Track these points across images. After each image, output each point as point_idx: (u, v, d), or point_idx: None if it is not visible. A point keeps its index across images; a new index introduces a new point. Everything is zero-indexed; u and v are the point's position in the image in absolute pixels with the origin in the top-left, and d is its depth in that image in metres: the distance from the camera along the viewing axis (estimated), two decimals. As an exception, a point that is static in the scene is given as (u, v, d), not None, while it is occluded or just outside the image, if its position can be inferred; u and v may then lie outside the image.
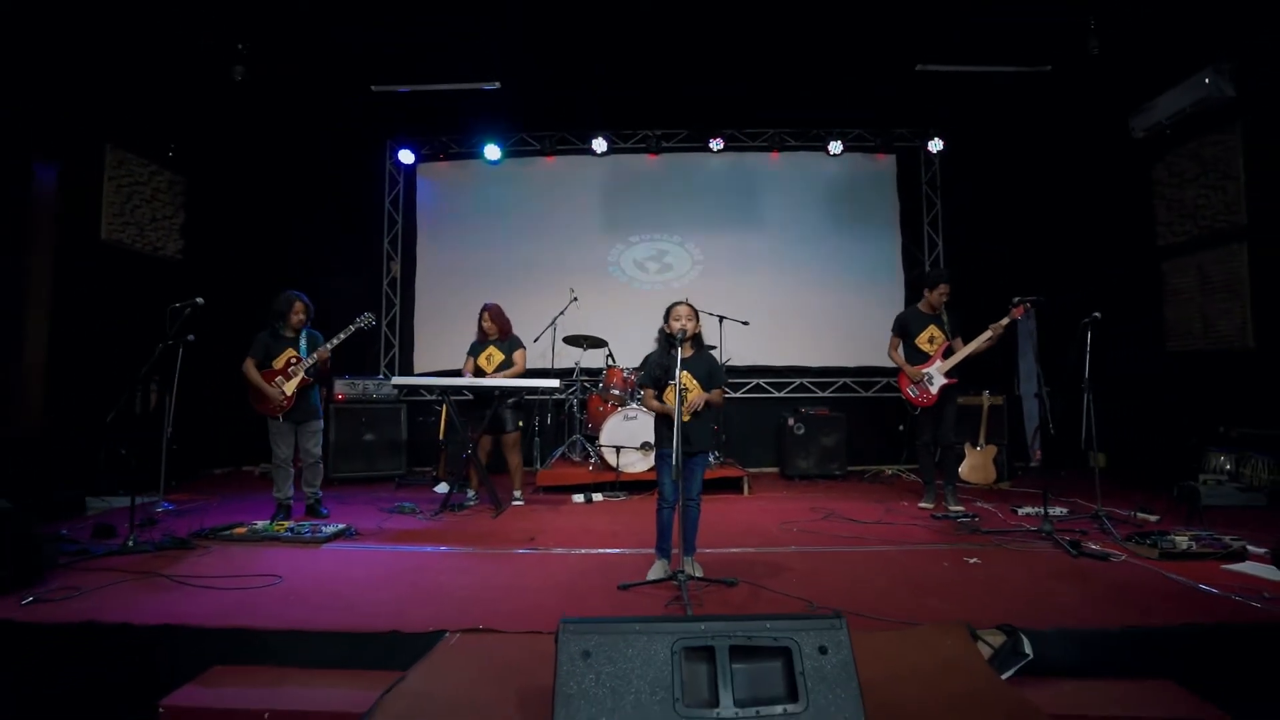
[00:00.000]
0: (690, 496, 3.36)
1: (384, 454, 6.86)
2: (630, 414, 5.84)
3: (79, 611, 2.72)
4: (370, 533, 4.36)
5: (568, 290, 6.97)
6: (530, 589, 3.23)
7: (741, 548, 3.98)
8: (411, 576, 3.42)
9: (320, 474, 4.94)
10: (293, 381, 4.72)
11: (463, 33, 5.81)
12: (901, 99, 7.22)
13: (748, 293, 7.76)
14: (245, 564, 3.55)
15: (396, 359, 8.02)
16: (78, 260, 5.87)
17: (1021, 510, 4.83)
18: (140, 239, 6.61)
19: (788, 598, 3.03)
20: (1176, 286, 6.61)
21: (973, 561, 3.60)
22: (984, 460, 6.39)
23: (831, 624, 1.71)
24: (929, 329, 5.17)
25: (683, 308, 3.40)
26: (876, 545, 4.04)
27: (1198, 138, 6.20)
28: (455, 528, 4.60)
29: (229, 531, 4.10)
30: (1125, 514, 4.70)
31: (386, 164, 8.13)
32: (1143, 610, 2.79)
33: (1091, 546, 3.74)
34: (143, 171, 6.64)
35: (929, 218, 8.07)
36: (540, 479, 6.00)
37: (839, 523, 4.70)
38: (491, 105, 7.16)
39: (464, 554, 3.91)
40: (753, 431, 7.62)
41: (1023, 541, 4.00)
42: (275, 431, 4.78)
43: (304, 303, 4.91)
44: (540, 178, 8.08)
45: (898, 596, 3.07)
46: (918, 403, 5.10)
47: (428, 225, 8.12)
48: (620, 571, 3.43)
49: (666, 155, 7.99)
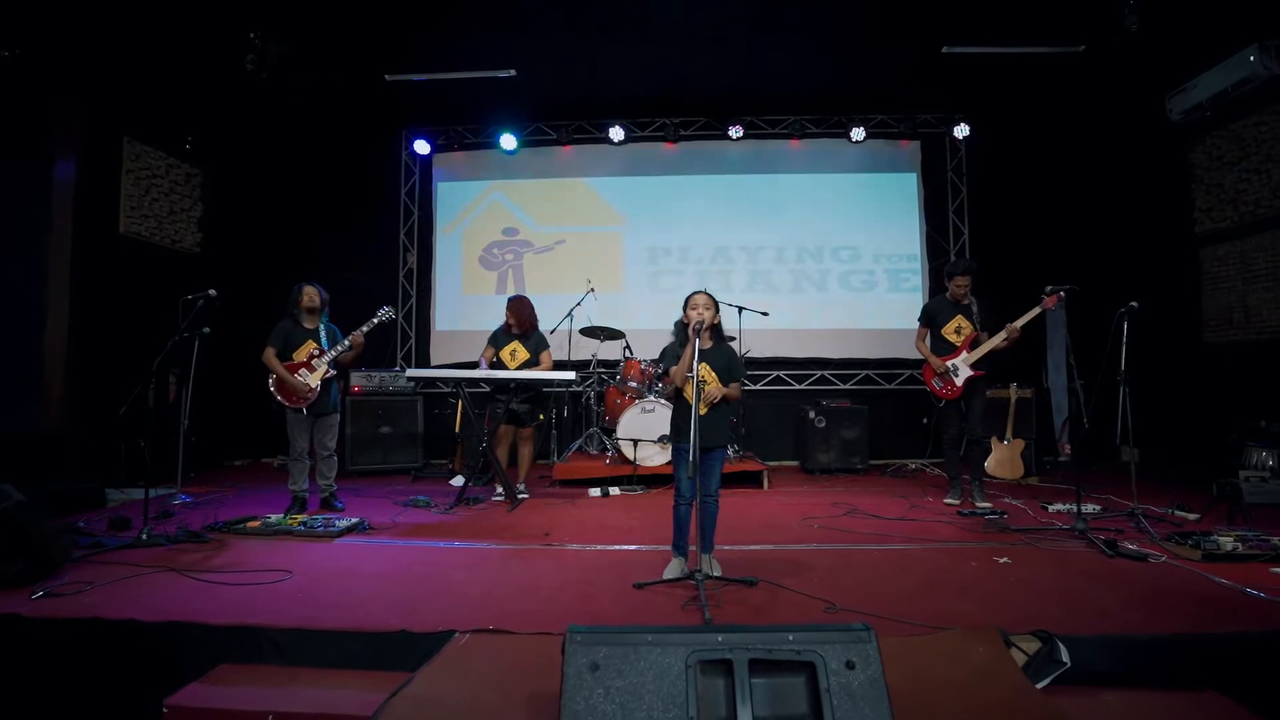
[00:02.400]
0: (708, 493, 3.25)
1: (400, 447, 6.83)
2: (648, 406, 5.74)
3: (87, 607, 2.69)
4: (384, 527, 4.31)
5: (585, 281, 6.87)
6: (544, 587, 3.15)
7: (761, 545, 3.87)
8: (423, 572, 3.36)
9: (335, 467, 4.91)
10: (317, 374, 4.68)
11: (479, 20, 5.71)
12: (926, 83, 6.99)
13: (768, 283, 7.62)
14: (257, 558, 3.51)
15: (413, 351, 7.99)
16: (96, 254, 5.88)
17: (1052, 507, 4.67)
18: (158, 232, 6.62)
19: (809, 598, 2.92)
20: (1215, 275, 6.36)
21: (1002, 561, 3.46)
22: (1011, 454, 6.22)
23: (859, 636, 1.59)
24: (956, 319, 5.01)
25: (701, 296, 3.29)
26: (900, 543, 3.91)
27: (1239, 119, 5.95)
28: (470, 522, 4.55)
29: (243, 525, 4.07)
30: (1161, 512, 4.51)
31: (402, 154, 8.08)
32: (1187, 616, 2.64)
33: (1128, 546, 3.57)
34: (160, 164, 6.65)
35: (954, 206, 7.84)
36: (557, 472, 5.93)
37: (861, 519, 4.57)
38: (507, 94, 7.06)
39: (477, 549, 3.84)
40: (772, 424, 7.49)
41: (1054, 540, 3.84)
42: (294, 424, 4.75)
43: (315, 289, 4.86)
44: (557, 167, 7.98)
45: (924, 598, 2.95)
46: (942, 395, 4.95)
47: (444, 216, 8.06)
48: (636, 569, 3.34)
49: (685, 143, 7.85)
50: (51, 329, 5.59)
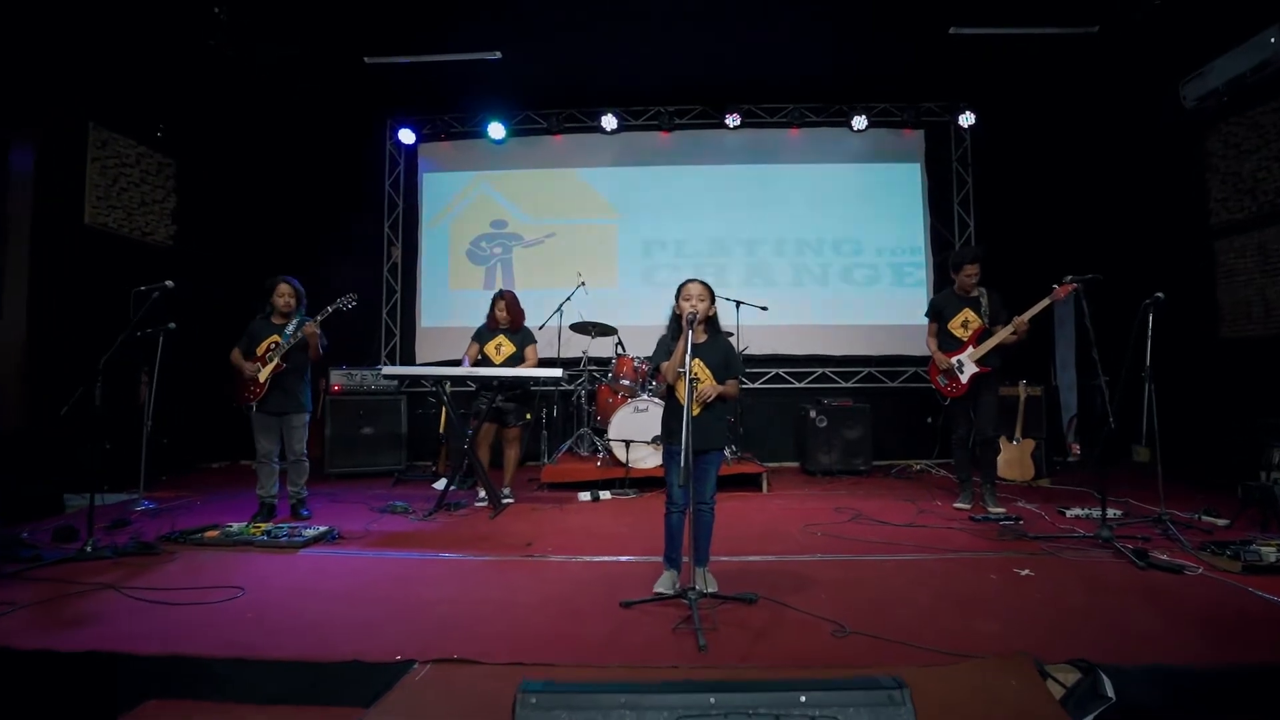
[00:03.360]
0: (703, 500, 2.96)
1: (383, 448, 6.53)
2: (641, 406, 5.45)
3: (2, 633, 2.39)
4: (354, 536, 4.00)
5: (575, 275, 6.58)
6: (521, 605, 2.86)
7: (760, 555, 3.57)
8: (388, 590, 3.05)
9: (305, 472, 4.59)
10: (267, 367, 4.37)
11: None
12: (930, 69, 6.71)
13: (766, 277, 7.32)
14: (209, 573, 3.20)
15: (398, 348, 7.68)
16: (59, 246, 5.55)
17: (1070, 512, 4.38)
18: (128, 223, 6.29)
19: (815, 619, 2.63)
20: (1232, 267, 6.08)
21: (1024, 573, 3.16)
22: (1021, 455, 5.93)
23: (890, 696, 1.25)
24: (963, 313, 4.72)
25: (695, 285, 2.99)
26: (911, 553, 3.61)
27: (1258, 105, 5.67)
28: (448, 530, 4.24)
29: (200, 535, 3.76)
30: (1186, 517, 4.22)
31: (386, 144, 7.77)
32: (1240, 641, 2.35)
33: (1160, 557, 3.27)
34: (130, 153, 6.32)
35: (959, 197, 7.56)
36: (545, 475, 5.62)
37: (868, 525, 4.27)
38: (494, 80, 6.75)
39: (452, 561, 3.54)
40: (772, 424, 7.19)
41: (1078, 549, 3.55)
42: (257, 424, 4.44)
43: (291, 285, 4.55)
44: (547, 158, 7.67)
45: (943, 617, 2.65)
46: (947, 393, 4.66)
47: (430, 208, 7.75)
48: (624, 583, 3.05)
49: (679, 133, 7.56)
50: (9, 325, 5.28)
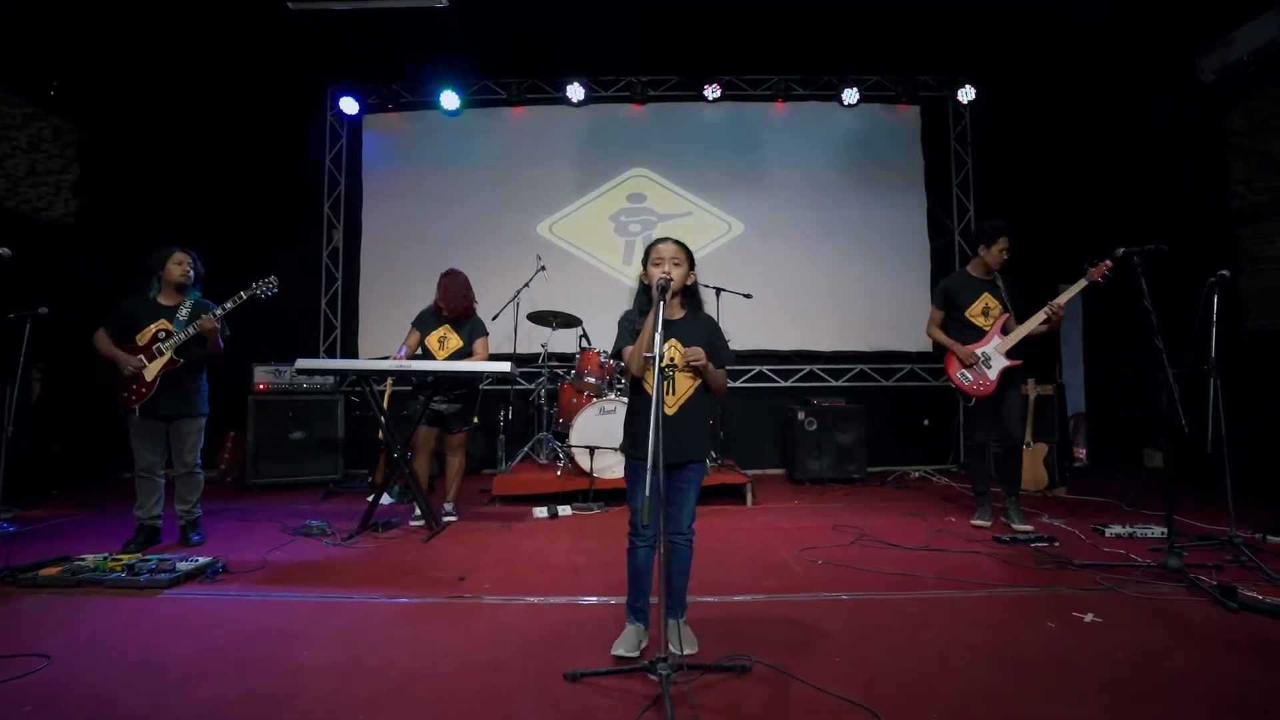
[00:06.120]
0: (678, 529, 2.24)
1: (315, 455, 5.72)
2: (608, 407, 4.73)
3: None
4: (245, 569, 3.19)
5: (534, 259, 5.82)
6: (431, 675, 2.10)
7: (749, 594, 2.85)
8: (260, 652, 2.27)
9: (198, 488, 3.77)
10: (157, 362, 3.58)
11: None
12: (928, 39, 6.06)
13: (749, 264, 6.61)
14: (22, 630, 2.40)
15: (338, 342, 6.85)
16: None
17: (1110, 530, 3.73)
18: (12, 195, 5.40)
19: (836, 700, 1.91)
20: (1257, 254, 5.54)
21: (1088, 619, 2.48)
22: (1032, 461, 5.33)
23: None
24: (983, 298, 4.07)
25: (668, 245, 2.26)
26: (936, 588, 2.91)
27: (1289, 77, 5.13)
28: (367, 559, 3.45)
29: (34, 573, 2.93)
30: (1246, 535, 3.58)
31: (327, 115, 6.94)
32: None
33: (1253, 596, 2.62)
34: (16, 114, 5.42)
35: (958, 179, 6.95)
36: (496, 486, 4.85)
37: (875, 548, 3.58)
38: (448, 43, 5.97)
39: (360, 605, 2.75)
40: (755, 427, 6.49)
41: (1143, 583, 2.88)
42: (138, 431, 3.63)
43: (187, 255, 3.76)
44: (507, 131, 6.89)
45: (1009, 697, 1.94)
46: (972, 392, 3.98)
47: (375, 187, 6.90)
48: (574, 637, 2.33)
49: (654, 105, 6.85)
50: None
